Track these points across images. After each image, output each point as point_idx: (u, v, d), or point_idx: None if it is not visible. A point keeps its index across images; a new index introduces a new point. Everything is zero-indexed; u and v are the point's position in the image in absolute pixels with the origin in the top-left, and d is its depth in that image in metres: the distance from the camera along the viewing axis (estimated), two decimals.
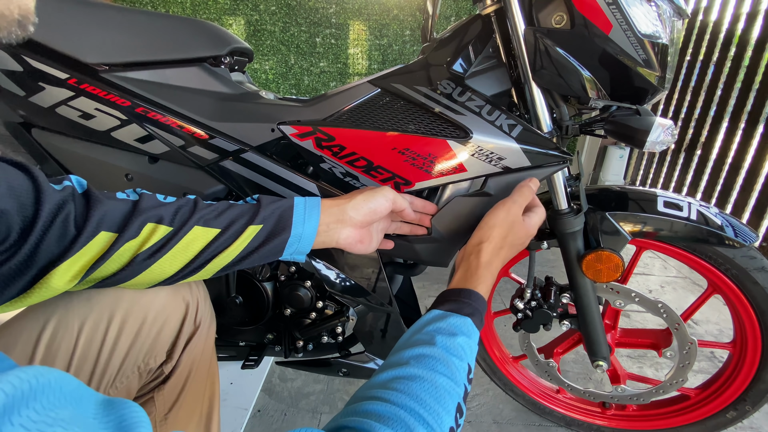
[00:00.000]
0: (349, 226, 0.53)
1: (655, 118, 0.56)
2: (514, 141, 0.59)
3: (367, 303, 0.73)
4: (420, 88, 0.61)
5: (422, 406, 0.37)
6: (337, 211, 0.52)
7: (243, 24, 2.63)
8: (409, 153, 0.61)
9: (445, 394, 0.39)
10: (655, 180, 2.55)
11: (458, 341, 0.44)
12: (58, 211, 0.38)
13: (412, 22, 2.63)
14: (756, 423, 0.99)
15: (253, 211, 0.49)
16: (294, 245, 0.50)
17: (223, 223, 0.47)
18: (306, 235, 0.50)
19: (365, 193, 0.54)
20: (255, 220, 0.48)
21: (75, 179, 0.43)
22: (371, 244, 0.57)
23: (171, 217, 0.45)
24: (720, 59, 2.10)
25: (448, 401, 0.38)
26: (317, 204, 0.52)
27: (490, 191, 0.61)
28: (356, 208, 0.53)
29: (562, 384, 0.88)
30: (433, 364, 0.41)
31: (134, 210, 0.43)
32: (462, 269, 0.52)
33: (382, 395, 0.38)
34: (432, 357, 0.42)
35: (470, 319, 0.46)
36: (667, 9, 0.54)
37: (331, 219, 0.52)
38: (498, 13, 0.59)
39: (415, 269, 0.77)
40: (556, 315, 0.78)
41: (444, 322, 0.45)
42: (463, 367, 0.42)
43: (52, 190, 0.39)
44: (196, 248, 0.46)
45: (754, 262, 0.66)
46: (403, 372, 0.40)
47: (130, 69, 0.64)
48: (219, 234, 0.47)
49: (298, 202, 0.51)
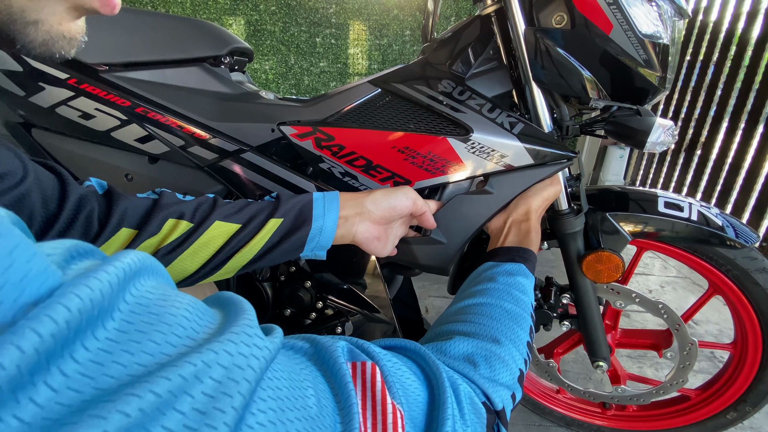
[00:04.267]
0: (367, 220, 0.52)
1: (656, 119, 0.56)
2: (516, 139, 0.58)
3: (361, 312, 0.72)
4: (420, 88, 0.61)
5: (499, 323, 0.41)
6: (355, 204, 0.52)
7: (243, 24, 2.62)
8: (408, 151, 0.60)
9: (516, 317, 0.43)
10: (656, 180, 2.55)
11: (518, 279, 0.48)
12: (81, 207, 0.39)
13: (412, 22, 2.63)
14: (756, 423, 0.99)
15: (273, 206, 0.49)
16: (315, 239, 0.50)
17: (244, 218, 0.47)
18: (326, 228, 0.50)
19: (385, 191, 0.54)
20: (276, 214, 0.48)
21: (96, 181, 0.44)
22: (387, 246, 0.57)
23: (192, 212, 0.45)
24: (720, 59, 2.10)
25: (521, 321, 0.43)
26: (336, 197, 0.52)
27: (491, 190, 0.60)
28: (375, 202, 0.52)
29: (562, 384, 0.88)
30: (500, 294, 0.45)
31: (155, 207, 0.43)
32: (513, 233, 0.58)
33: (462, 318, 0.42)
34: (497, 290, 0.46)
35: (524, 265, 0.50)
36: (668, 9, 0.54)
37: (349, 212, 0.52)
38: (498, 13, 0.59)
39: (414, 269, 0.77)
40: (556, 315, 0.78)
41: (500, 268, 0.50)
42: (528, 300, 0.46)
43: (77, 186, 0.39)
44: (218, 243, 0.46)
45: (754, 262, 0.66)
46: (474, 301, 0.45)
47: (130, 69, 0.64)
48: (240, 228, 0.47)
49: (317, 196, 0.52)
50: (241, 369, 0.17)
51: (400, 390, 0.27)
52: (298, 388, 0.21)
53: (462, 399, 0.30)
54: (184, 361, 0.15)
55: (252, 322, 0.20)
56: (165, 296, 0.18)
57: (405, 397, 0.27)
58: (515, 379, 0.37)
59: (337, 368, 0.25)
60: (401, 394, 0.26)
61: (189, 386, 0.15)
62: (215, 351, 0.17)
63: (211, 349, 0.17)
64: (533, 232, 0.57)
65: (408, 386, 0.28)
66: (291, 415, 0.19)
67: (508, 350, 0.38)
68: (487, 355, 0.37)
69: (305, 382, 0.22)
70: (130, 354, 0.15)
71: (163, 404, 0.14)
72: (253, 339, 0.19)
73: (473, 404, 0.32)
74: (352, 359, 0.26)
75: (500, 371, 0.36)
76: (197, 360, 0.16)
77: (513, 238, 0.58)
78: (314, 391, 0.22)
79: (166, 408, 0.14)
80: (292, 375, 0.21)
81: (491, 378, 0.35)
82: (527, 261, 0.52)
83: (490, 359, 0.36)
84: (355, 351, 0.27)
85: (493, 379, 0.35)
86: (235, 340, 0.18)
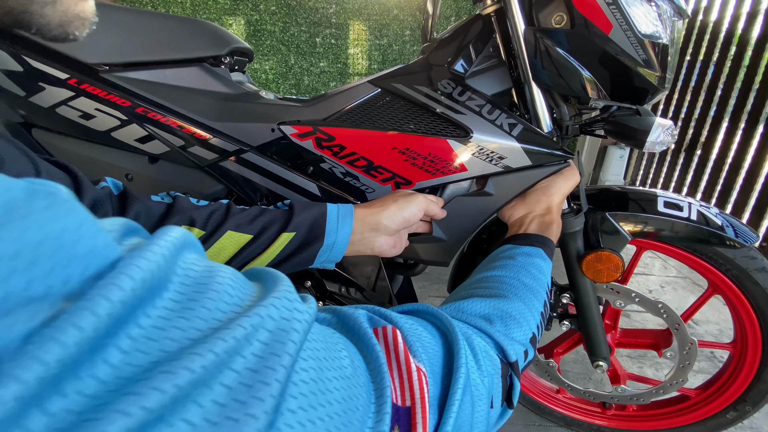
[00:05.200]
0: (383, 234, 0.53)
1: (655, 119, 0.56)
2: (514, 140, 0.59)
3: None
4: (420, 88, 0.61)
5: (516, 292, 0.42)
6: (372, 221, 0.52)
7: (243, 24, 2.62)
8: (409, 152, 0.60)
9: (533, 290, 0.43)
10: (655, 180, 2.55)
11: (535, 260, 0.48)
12: (95, 210, 0.38)
13: (412, 22, 2.63)
14: (756, 423, 0.99)
15: (285, 217, 0.49)
16: (326, 254, 0.50)
17: (256, 229, 0.47)
18: (338, 243, 0.50)
19: (398, 202, 0.54)
20: (288, 227, 0.48)
21: (111, 181, 0.43)
22: (401, 247, 0.58)
23: (204, 220, 0.45)
24: (720, 59, 2.10)
25: (537, 293, 0.44)
26: (350, 212, 0.52)
27: (490, 191, 0.61)
28: (390, 217, 0.53)
29: (562, 384, 0.88)
30: (518, 269, 0.46)
31: (168, 212, 0.43)
32: (534, 225, 0.58)
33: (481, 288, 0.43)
34: (515, 266, 0.46)
35: (541, 249, 0.50)
36: (668, 9, 0.54)
37: (365, 228, 0.52)
38: (498, 13, 0.59)
39: (415, 269, 0.77)
40: (556, 315, 0.78)
41: (519, 249, 0.50)
42: (544, 279, 0.47)
43: (92, 187, 0.39)
44: (228, 253, 0.45)
45: (754, 262, 0.66)
46: (492, 273, 0.45)
47: (130, 69, 0.64)
48: (252, 240, 0.46)
49: (331, 210, 0.51)
50: (285, 332, 0.18)
51: (420, 348, 0.28)
52: (333, 350, 0.22)
53: (477, 350, 0.32)
54: (235, 324, 0.17)
55: (291, 288, 0.21)
56: (209, 268, 0.19)
57: (425, 353, 0.28)
58: (528, 339, 0.39)
59: (362, 333, 0.26)
60: (422, 351, 0.27)
61: (241, 347, 0.16)
62: (260, 315, 0.18)
63: (257, 314, 0.18)
64: (555, 224, 0.58)
65: (427, 344, 0.29)
66: (329, 374, 0.20)
67: (522, 313, 0.40)
68: (502, 315, 0.39)
69: (338, 344, 0.23)
70: (187, 320, 0.16)
71: (221, 363, 0.15)
72: (294, 303, 0.20)
73: (488, 355, 0.33)
74: (373, 325, 0.27)
75: (514, 329, 0.38)
76: (246, 323, 0.17)
77: (535, 227, 0.57)
78: (347, 353, 0.23)
79: (223, 367, 0.15)
80: (326, 338, 0.23)
81: (505, 333, 0.37)
82: (546, 246, 0.52)
83: (505, 319, 0.38)
84: (375, 317, 0.29)
85: (507, 335, 0.37)
86: (278, 305, 0.19)
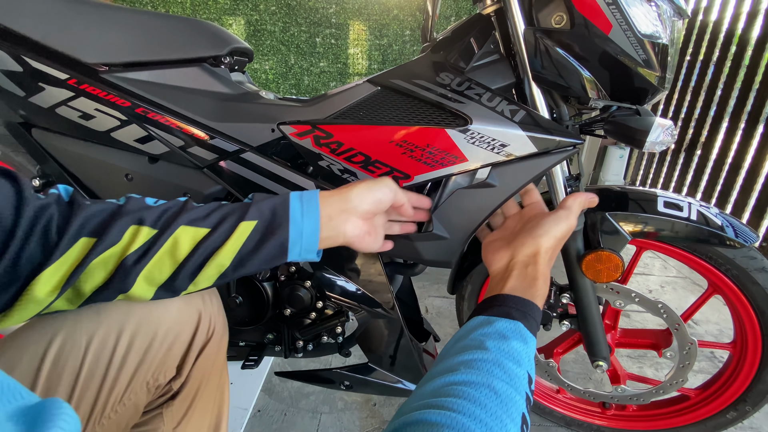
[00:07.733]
0: (354, 216, 0.49)
1: (655, 119, 0.56)
2: (517, 126, 0.56)
3: (368, 309, 0.72)
4: (418, 82, 0.60)
5: (485, 410, 0.32)
6: (338, 200, 0.48)
7: (243, 24, 2.63)
8: (407, 145, 0.59)
9: (507, 401, 0.34)
10: (655, 180, 2.55)
11: (512, 345, 0.39)
12: (39, 218, 0.36)
13: (412, 22, 2.63)
14: (756, 423, 0.99)
15: (244, 208, 0.46)
16: (297, 243, 0.47)
17: (213, 222, 0.44)
18: (307, 230, 0.47)
19: (366, 182, 0.51)
20: (247, 217, 0.45)
21: (62, 188, 0.41)
22: (378, 239, 0.54)
23: (155, 219, 0.43)
24: (720, 59, 2.10)
25: (511, 408, 0.33)
26: (315, 195, 0.48)
27: (493, 182, 0.59)
28: (360, 196, 0.49)
29: (562, 384, 0.88)
30: (489, 367, 0.36)
31: (116, 214, 0.41)
32: (515, 278, 0.48)
33: (436, 403, 0.33)
34: (485, 361, 0.37)
35: (521, 323, 0.42)
36: (668, 9, 0.54)
37: (332, 210, 0.48)
38: (498, 13, 0.59)
39: (415, 269, 0.77)
40: (555, 315, 0.78)
41: (492, 327, 0.41)
42: (522, 374, 0.38)
43: (35, 197, 0.37)
44: (185, 250, 0.43)
45: (754, 262, 0.66)
46: (455, 378, 0.36)
47: (130, 69, 0.64)
48: (208, 233, 0.43)
49: (293, 196, 0.48)
50: None
51: None
52: None
53: None
54: None
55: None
56: None
57: None
58: None
59: None
60: None
61: None
62: None
63: None
64: (541, 279, 0.48)
65: None
66: None
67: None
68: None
69: None
70: None
71: None
72: None
73: None
74: None
75: None
76: None
77: (515, 283, 0.48)
78: None
79: None
80: None
81: None
82: (527, 318, 0.43)
83: None
84: None
85: None
86: None
